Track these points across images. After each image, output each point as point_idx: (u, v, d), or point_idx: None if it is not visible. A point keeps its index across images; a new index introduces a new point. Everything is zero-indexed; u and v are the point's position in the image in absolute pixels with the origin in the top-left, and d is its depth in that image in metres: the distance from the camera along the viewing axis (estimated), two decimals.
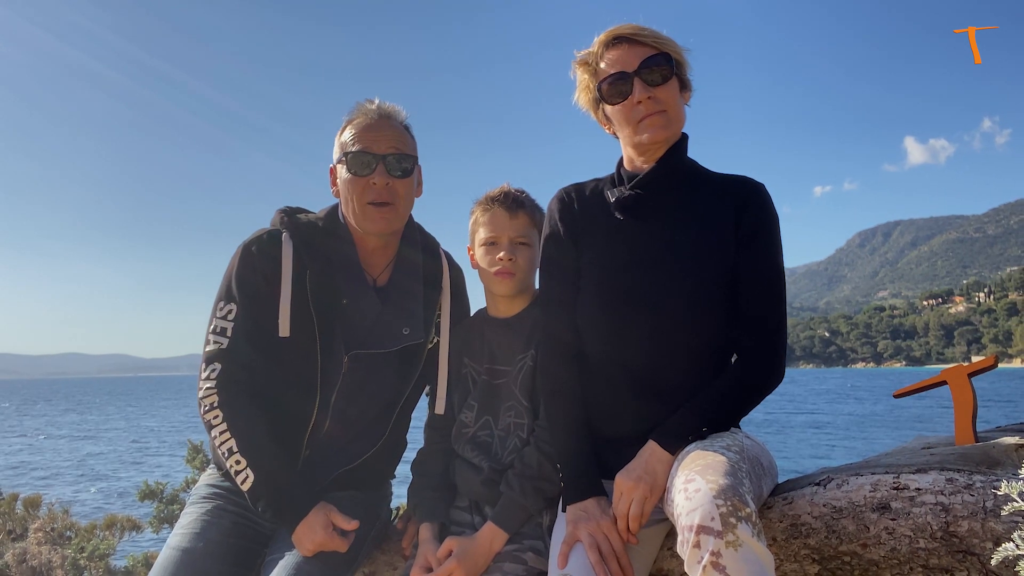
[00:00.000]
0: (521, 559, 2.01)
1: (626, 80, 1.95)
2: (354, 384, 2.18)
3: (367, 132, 2.14)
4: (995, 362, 2.12)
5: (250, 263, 2.14)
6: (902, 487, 1.73)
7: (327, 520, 2.03)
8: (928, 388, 2.18)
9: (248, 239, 2.18)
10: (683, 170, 2.04)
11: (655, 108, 1.94)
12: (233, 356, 2.10)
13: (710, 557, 1.48)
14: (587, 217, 2.08)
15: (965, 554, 1.61)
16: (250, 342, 2.11)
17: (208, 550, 2.06)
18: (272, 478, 2.05)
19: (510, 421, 2.18)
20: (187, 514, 2.19)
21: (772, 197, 2.03)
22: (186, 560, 2.03)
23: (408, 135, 2.21)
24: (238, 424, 2.07)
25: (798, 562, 1.81)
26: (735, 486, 1.55)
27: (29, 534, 5.44)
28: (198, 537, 2.08)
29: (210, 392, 2.09)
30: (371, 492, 2.31)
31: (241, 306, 2.12)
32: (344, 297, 2.17)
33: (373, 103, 2.19)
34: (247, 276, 2.13)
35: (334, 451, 2.20)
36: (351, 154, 2.13)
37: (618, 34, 1.98)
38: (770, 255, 1.97)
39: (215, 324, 2.13)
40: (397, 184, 2.14)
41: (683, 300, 1.91)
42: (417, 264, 2.29)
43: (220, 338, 2.11)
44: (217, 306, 2.14)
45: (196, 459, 5.60)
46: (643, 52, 1.95)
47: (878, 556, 1.70)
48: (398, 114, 2.21)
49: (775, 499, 1.88)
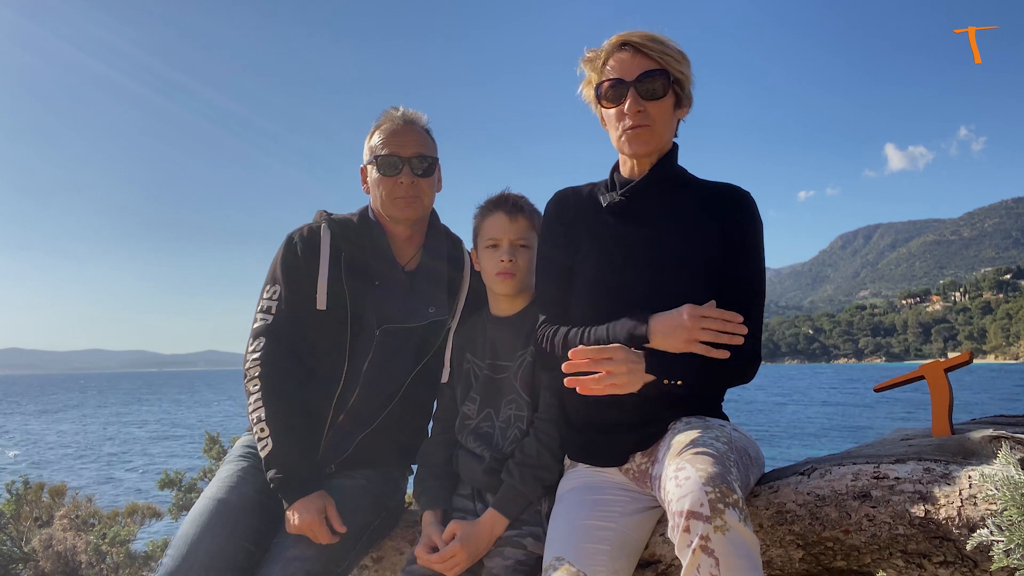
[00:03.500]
0: (521, 544, 2.01)
1: (623, 88, 1.94)
2: (384, 355, 2.28)
3: (394, 137, 2.28)
4: (970, 358, 2.11)
5: (293, 249, 2.29)
6: (882, 476, 1.73)
7: (323, 508, 2.07)
8: (907, 382, 2.17)
9: (292, 231, 2.34)
10: (672, 178, 2.03)
11: (642, 121, 1.94)
12: (276, 331, 2.23)
13: (699, 541, 1.48)
14: (581, 219, 2.08)
15: (942, 540, 1.61)
16: (291, 317, 2.24)
17: (241, 503, 2.11)
18: (287, 451, 2.11)
19: (510, 413, 2.18)
20: (224, 468, 2.25)
21: (758, 203, 2.03)
22: (221, 509, 2.07)
23: (429, 138, 2.36)
24: (271, 397, 2.16)
25: (783, 547, 1.81)
26: (723, 474, 1.55)
27: (54, 521, 5.44)
28: (233, 490, 2.14)
29: (254, 364, 2.20)
30: (386, 473, 2.31)
31: (284, 286, 2.26)
32: (376, 279, 2.30)
33: (398, 110, 2.34)
34: (290, 260, 2.28)
35: (360, 416, 2.27)
36: (380, 157, 2.28)
37: (627, 40, 1.96)
38: (753, 259, 1.97)
39: (262, 304, 2.28)
40: (421, 182, 2.29)
41: (670, 300, 1.91)
42: (442, 258, 2.41)
43: (266, 316, 2.25)
44: (264, 289, 2.30)
45: (213, 450, 5.59)
46: (645, 64, 1.94)
47: (859, 542, 1.70)
48: (420, 119, 2.35)
49: (762, 488, 1.88)
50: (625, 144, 1.97)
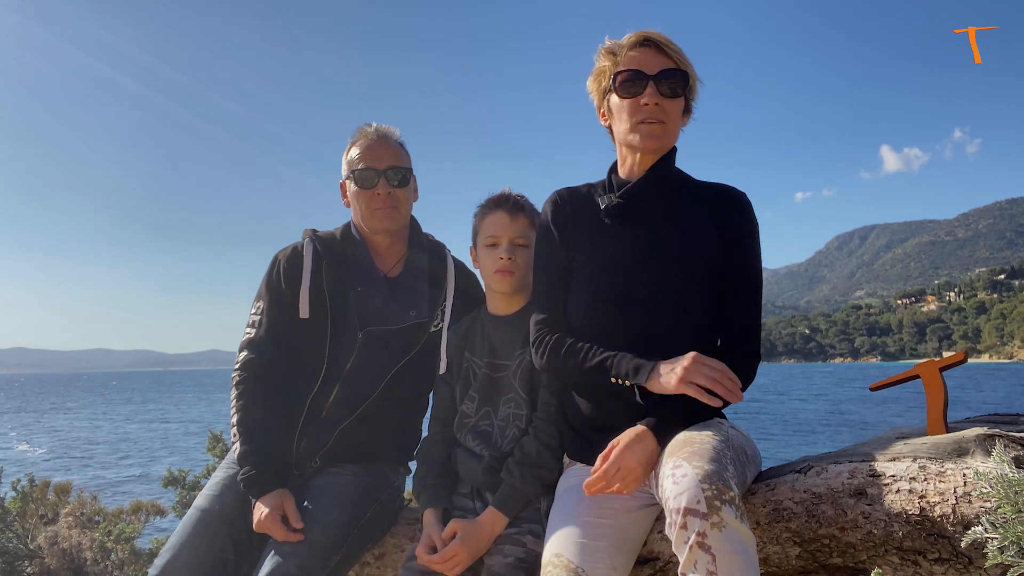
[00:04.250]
0: (520, 542, 2.01)
1: (642, 80, 1.93)
2: (367, 355, 2.35)
3: (369, 151, 2.37)
4: (965, 357, 2.11)
5: (276, 267, 2.41)
6: (877, 474, 1.73)
7: (279, 506, 2.12)
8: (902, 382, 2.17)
9: (278, 251, 2.46)
10: (669, 180, 2.03)
11: (657, 116, 1.93)
12: (257, 344, 2.35)
13: (696, 537, 1.48)
14: (578, 220, 2.07)
15: (937, 537, 1.61)
16: (275, 329, 2.35)
17: (223, 512, 2.19)
18: (254, 452, 2.20)
19: (509, 412, 2.17)
20: (213, 476, 2.35)
21: (754, 203, 2.03)
22: (202, 519, 2.18)
23: (403, 150, 2.44)
24: (244, 402, 2.28)
25: (780, 544, 1.81)
26: (720, 472, 1.55)
27: (60, 518, 5.43)
28: (216, 499, 2.24)
29: (236, 373, 2.34)
30: (374, 468, 2.33)
31: (267, 301, 2.38)
32: (358, 285, 2.39)
33: (371, 126, 2.42)
34: (274, 277, 2.40)
35: (342, 410, 2.33)
36: (357, 171, 2.36)
37: (649, 37, 1.97)
38: (749, 259, 1.97)
39: (249, 319, 2.41)
40: (397, 192, 2.37)
41: (668, 300, 1.90)
42: (423, 266, 2.46)
43: (251, 329, 2.38)
44: (253, 305, 2.43)
45: (216, 448, 5.59)
46: (666, 62, 1.94)
47: (855, 539, 1.70)
48: (393, 133, 2.44)
49: (759, 485, 1.88)
50: (636, 137, 1.95)
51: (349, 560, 2.19)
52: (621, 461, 1.75)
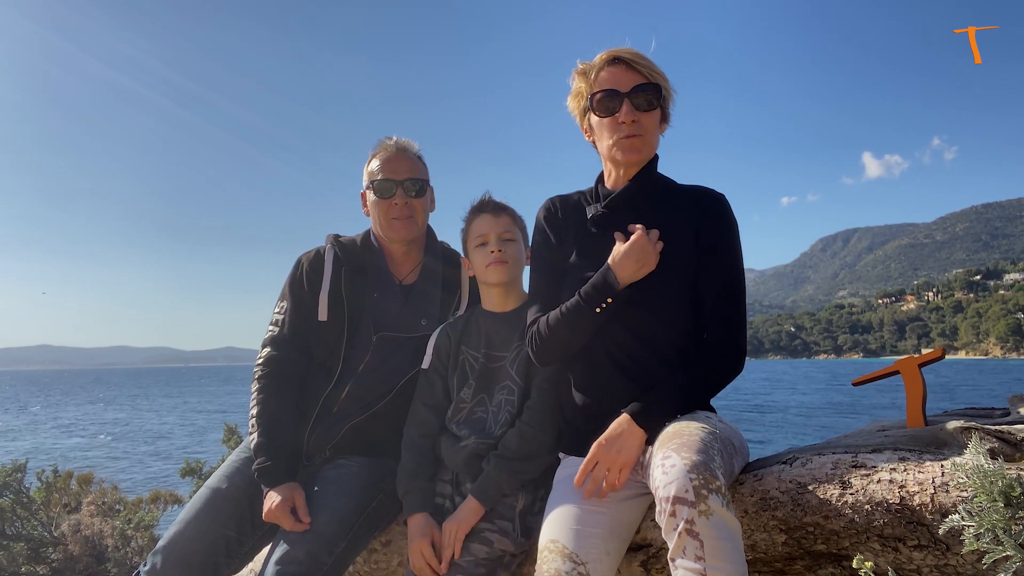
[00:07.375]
0: (488, 540, 2.00)
1: (617, 98, 1.93)
2: (380, 358, 2.36)
3: (388, 163, 2.38)
4: (942, 354, 2.10)
5: (299, 269, 2.42)
6: (860, 465, 1.72)
7: (290, 499, 2.12)
8: (883, 377, 2.17)
9: (301, 255, 2.47)
10: (650, 188, 2.02)
11: (635, 131, 1.93)
12: (279, 341, 2.37)
13: (684, 524, 1.48)
14: (569, 226, 2.08)
15: (916, 524, 1.60)
16: (295, 329, 2.36)
17: (230, 492, 2.22)
18: (269, 444, 2.21)
19: (502, 398, 2.17)
20: (228, 459, 2.37)
21: (742, 208, 2.03)
22: (210, 497, 2.20)
23: (421, 163, 2.44)
24: (265, 396, 2.29)
25: (767, 532, 1.80)
26: (707, 462, 1.54)
27: (82, 507, 5.43)
28: (226, 479, 2.26)
29: (258, 368, 2.35)
30: (381, 460, 2.32)
31: (290, 302, 2.39)
32: (375, 291, 2.40)
33: (391, 139, 2.43)
34: (297, 279, 2.41)
35: (354, 407, 2.33)
36: (377, 181, 2.37)
37: (619, 56, 1.96)
38: (730, 259, 1.95)
39: (272, 318, 2.42)
40: (414, 202, 2.39)
41: (654, 305, 1.90)
42: (437, 272, 2.48)
43: (273, 327, 2.40)
44: (276, 304, 2.44)
45: (231, 440, 5.59)
46: (637, 78, 1.94)
47: (838, 527, 1.69)
48: (412, 146, 2.44)
49: (746, 476, 1.87)
50: (618, 152, 1.96)
51: (355, 547, 2.18)
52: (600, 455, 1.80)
